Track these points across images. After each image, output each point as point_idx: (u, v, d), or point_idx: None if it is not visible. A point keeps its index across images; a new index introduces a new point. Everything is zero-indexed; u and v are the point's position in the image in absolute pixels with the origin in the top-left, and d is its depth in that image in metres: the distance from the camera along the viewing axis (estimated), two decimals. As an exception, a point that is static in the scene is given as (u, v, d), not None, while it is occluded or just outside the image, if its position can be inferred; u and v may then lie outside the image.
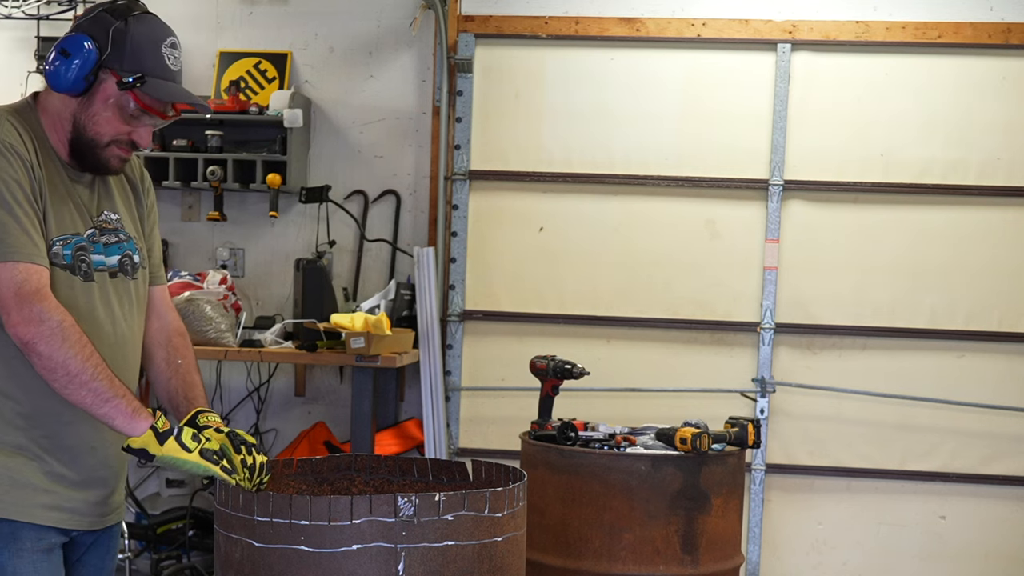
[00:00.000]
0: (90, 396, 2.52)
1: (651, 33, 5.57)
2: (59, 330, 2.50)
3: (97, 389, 2.52)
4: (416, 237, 5.80)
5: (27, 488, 2.60)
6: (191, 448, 2.56)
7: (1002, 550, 5.55)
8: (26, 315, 2.50)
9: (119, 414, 2.53)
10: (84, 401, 2.53)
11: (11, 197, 2.53)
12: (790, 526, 5.64)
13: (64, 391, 2.52)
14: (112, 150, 2.67)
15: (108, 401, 2.53)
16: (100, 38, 2.62)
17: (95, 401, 2.53)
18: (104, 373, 2.52)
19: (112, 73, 2.63)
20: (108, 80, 2.63)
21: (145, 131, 2.70)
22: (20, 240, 2.52)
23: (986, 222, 5.51)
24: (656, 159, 5.62)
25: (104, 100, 2.65)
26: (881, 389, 5.53)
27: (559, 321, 5.67)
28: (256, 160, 5.61)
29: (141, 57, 2.64)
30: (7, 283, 2.51)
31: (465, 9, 5.67)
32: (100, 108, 2.65)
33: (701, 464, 4.03)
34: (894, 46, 5.49)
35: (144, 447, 2.54)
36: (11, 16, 5.82)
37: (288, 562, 2.48)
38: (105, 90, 2.64)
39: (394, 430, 5.63)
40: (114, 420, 2.54)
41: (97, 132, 2.65)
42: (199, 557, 5.42)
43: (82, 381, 2.51)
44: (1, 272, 2.51)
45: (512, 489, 2.64)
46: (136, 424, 2.54)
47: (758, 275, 5.59)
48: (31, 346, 2.50)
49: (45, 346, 2.50)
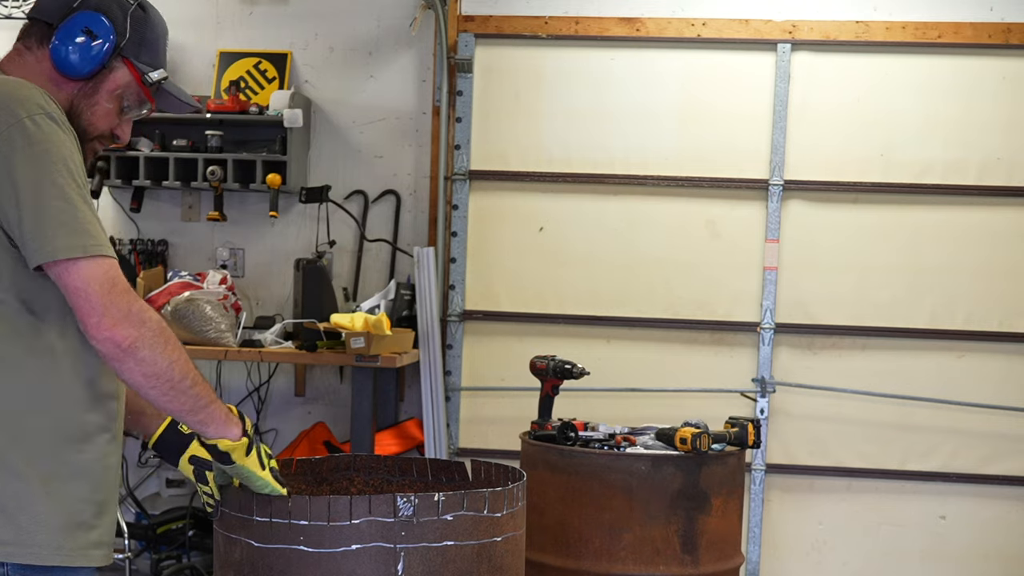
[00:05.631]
0: (190, 402, 2.30)
1: (651, 33, 5.57)
2: (161, 332, 2.23)
3: (198, 394, 2.30)
4: (416, 237, 5.80)
5: (83, 527, 2.30)
6: (265, 465, 2.46)
7: (1002, 550, 5.55)
8: (123, 315, 2.19)
9: (213, 420, 2.35)
10: (181, 407, 2.30)
11: (82, 180, 2.24)
12: (790, 526, 5.64)
13: (161, 398, 2.26)
14: (94, 144, 2.43)
15: (206, 407, 2.33)
16: (119, 21, 2.38)
17: (194, 407, 2.31)
18: (199, 375, 2.31)
19: (126, 63, 2.40)
20: (120, 69, 2.40)
21: (128, 126, 2.47)
22: (101, 232, 2.22)
23: (986, 222, 5.51)
24: (656, 159, 5.62)
25: (111, 90, 2.41)
26: (881, 389, 5.54)
27: (559, 321, 5.67)
28: (256, 160, 5.61)
29: (157, 49, 2.45)
30: (99, 280, 2.19)
31: (465, 9, 5.67)
32: (104, 98, 2.40)
33: (701, 464, 4.03)
34: (894, 46, 5.49)
35: (230, 451, 2.40)
36: (11, 16, 5.81)
37: (288, 562, 2.48)
38: (115, 79, 2.40)
39: (394, 430, 5.63)
40: (208, 426, 2.35)
41: (92, 123, 2.40)
42: (199, 557, 5.42)
43: (184, 387, 2.27)
44: (91, 268, 2.18)
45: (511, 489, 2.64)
46: (230, 429, 2.38)
47: (758, 275, 5.59)
48: (131, 351, 2.20)
49: (149, 350, 2.21)
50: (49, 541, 2.25)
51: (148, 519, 5.55)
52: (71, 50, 2.34)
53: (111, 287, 2.19)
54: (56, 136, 2.22)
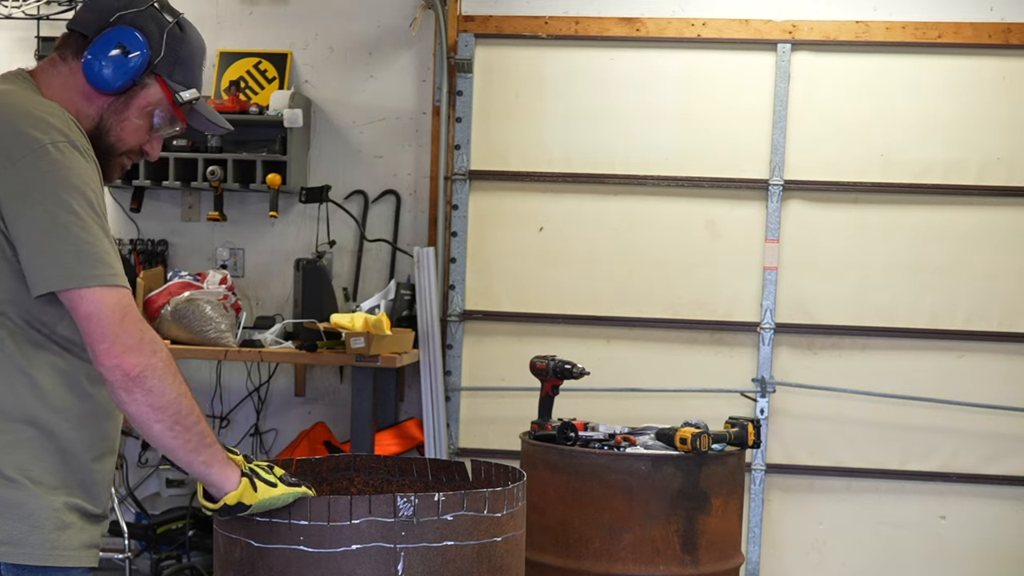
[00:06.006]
0: (194, 440, 2.23)
1: (651, 33, 5.57)
2: (170, 363, 2.20)
3: (202, 432, 2.24)
4: (416, 237, 5.80)
5: (73, 528, 2.28)
6: (273, 481, 2.39)
7: (1002, 550, 5.55)
8: (135, 343, 2.17)
9: (216, 460, 2.28)
10: (182, 446, 2.23)
11: (101, 210, 2.22)
12: (790, 526, 5.64)
13: (166, 434, 2.20)
14: (122, 159, 2.42)
15: (209, 447, 2.26)
16: (154, 38, 2.35)
17: (197, 446, 2.24)
18: (201, 413, 2.26)
19: (159, 80, 2.38)
20: (152, 86, 2.39)
21: (158, 143, 2.48)
22: (117, 262, 2.21)
23: (986, 222, 5.51)
24: (656, 159, 5.62)
25: (141, 107, 2.39)
26: (881, 389, 5.53)
27: (559, 321, 5.67)
28: (256, 160, 5.61)
29: (191, 69, 2.43)
30: (113, 308, 2.17)
31: (465, 9, 5.67)
32: (134, 115, 2.38)
33: (701, 464, 4.03)
34: (894, 46, 5.49)
35: (241, 500, 2.32)
36: (11, 16, 5.81)
37: (288, 562, 2.48)
38: (146, 96, 2.39)
39: (394, 430, 5.63)
40: (211, 468, 2.28)
41: (120, 139, 2.38)
42: (199, 557, 5.41)
43: (190, 423, 2.22)
44: (107, 296, 2.17)
45: (511, 489, 2.64)
46: (231, 472, 2.31)
47: (758, 275, 5.59)
48: (140, 380, 2.16)
49: (158, 380, 2.17)
50: (43, 541, 2.23)
51: (148, 519, 5.55)
52: (103, 64, 2.32)
53: (123, 315, 2.18)
54: (77, 164, 2.20)
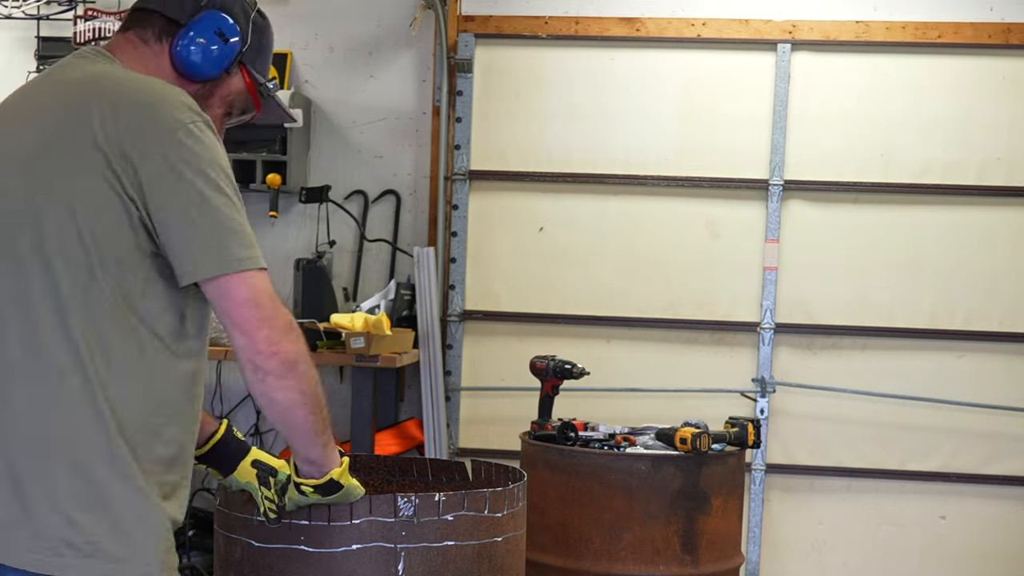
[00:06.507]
0: (321, 422, 2.16)
1: (651, 33, 5.57)
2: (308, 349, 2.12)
3: (327, 415, 2.18)
4: (416, 237, 5.80)
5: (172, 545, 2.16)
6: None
7: (1002, 550, 5.55)
8: (288, 328, 2.09)
9: (331, 439, 2.22)
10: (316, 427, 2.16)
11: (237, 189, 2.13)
12: (790, 526, 5.64)
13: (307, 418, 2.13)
14: None
15: (329, 427, 2.20)
16: (243, 26, 2.28)
17: (324, 426, 2.18)
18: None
19: (243, 69, 2.32)
20: (236, 75, 2.31)
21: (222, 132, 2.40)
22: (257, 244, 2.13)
23: (986, 222, 5.51)
24: (656, 159, 5.62)
25: (224, 95, 2.32)
26: (881, 389, 5.53)
27: (559, 321, 5.66)
28: (256, 160, 5.60)
29: (268, 58, 2.37)
30: (269, 293, 2.10)
31: (465, 9, 5.67)
32: (216, 102, 2.31)
33: (701, 464, 4.03)
34: (894, 46, 5.49)
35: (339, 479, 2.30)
36: (11, 16, 5.81)
37: (288, 562, 2.48)
38: (230, 85, 2.32)
39: (394, 430, 5.63)
40: (327, 446, 2.21)
41: None
42: (199, 557, 5.41)
43: (323, 405, 2.16)
44: (257, 280, 2.09)
45: (512, 489, 2.65)
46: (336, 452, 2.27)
47: (758, 275, 5.58)
48: (294, 366, 2.09)
49: (307, 366, 2.11)
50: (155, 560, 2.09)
51: (148, 519, 5.54)
52: (195, 51, 2.22)
53: (275, 299, 2.10)
54: (216, 144, 2.13)
